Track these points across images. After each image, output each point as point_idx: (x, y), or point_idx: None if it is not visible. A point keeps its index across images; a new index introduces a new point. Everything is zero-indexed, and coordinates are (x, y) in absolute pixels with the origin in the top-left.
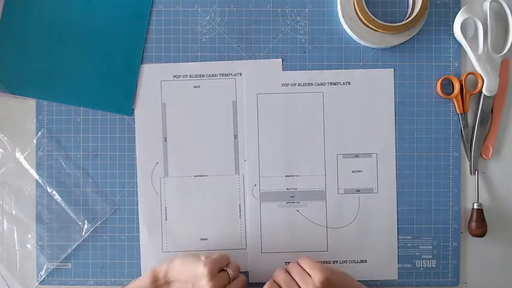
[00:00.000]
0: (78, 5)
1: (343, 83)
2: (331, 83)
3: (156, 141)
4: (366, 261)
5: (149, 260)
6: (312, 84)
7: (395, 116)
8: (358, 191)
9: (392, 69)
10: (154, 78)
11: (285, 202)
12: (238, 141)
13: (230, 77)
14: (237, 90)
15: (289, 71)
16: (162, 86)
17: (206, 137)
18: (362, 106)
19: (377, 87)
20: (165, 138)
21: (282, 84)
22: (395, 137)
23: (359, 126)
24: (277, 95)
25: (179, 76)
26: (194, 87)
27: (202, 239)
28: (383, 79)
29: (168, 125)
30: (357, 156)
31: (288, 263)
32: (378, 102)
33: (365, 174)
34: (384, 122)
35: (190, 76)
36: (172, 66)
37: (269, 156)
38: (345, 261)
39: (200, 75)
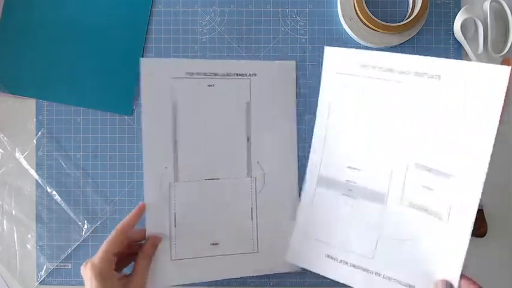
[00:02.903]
0: (78, 5)
1: (432, 76)
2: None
3: (165, 145)
4: (414, 287)
5: (157, 267)
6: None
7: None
8: (425, 210)
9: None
10: (163, 76)
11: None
12: (251, 143)
13: (245, 77)
14: (251, 91)
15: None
16: (172, 84)
17: (218, 139)
18: (453, 108)
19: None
20: (176, 141)
21: (362, 66)
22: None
23: (440, 136)
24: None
25: (192, 74)
26: (208, 86)
27: (213, 244)
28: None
29: (179, 127)
30: (430, 170)
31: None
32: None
33: (437, 193)
34: (478, 134)
35: (205, 74)
36: (184, 63)
37: None
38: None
39: (214, 73)
